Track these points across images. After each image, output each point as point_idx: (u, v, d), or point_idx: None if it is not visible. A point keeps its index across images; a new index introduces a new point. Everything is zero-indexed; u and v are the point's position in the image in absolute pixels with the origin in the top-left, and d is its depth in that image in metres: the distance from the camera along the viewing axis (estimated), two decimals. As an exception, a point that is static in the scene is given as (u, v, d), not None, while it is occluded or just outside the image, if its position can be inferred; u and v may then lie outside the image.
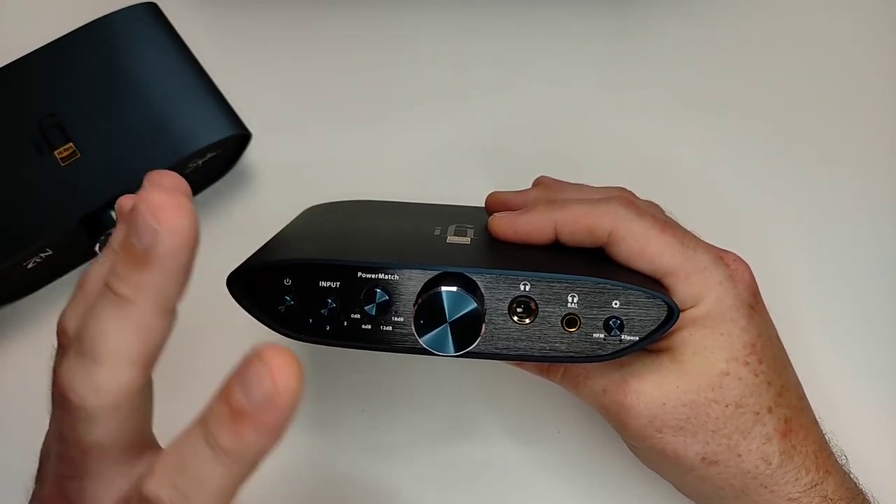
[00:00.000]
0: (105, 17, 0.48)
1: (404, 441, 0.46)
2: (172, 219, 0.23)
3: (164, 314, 0.25)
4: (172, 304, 0.25)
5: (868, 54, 0.55)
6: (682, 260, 0.36)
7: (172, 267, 0.24)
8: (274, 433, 0.23)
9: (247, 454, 0.23)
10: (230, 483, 0.23)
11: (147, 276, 0.24)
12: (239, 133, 0.49)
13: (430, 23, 0.55)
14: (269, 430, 0.23)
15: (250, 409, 0.22)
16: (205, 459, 0.23)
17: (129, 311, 0.24)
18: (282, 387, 0.22)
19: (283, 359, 0.23)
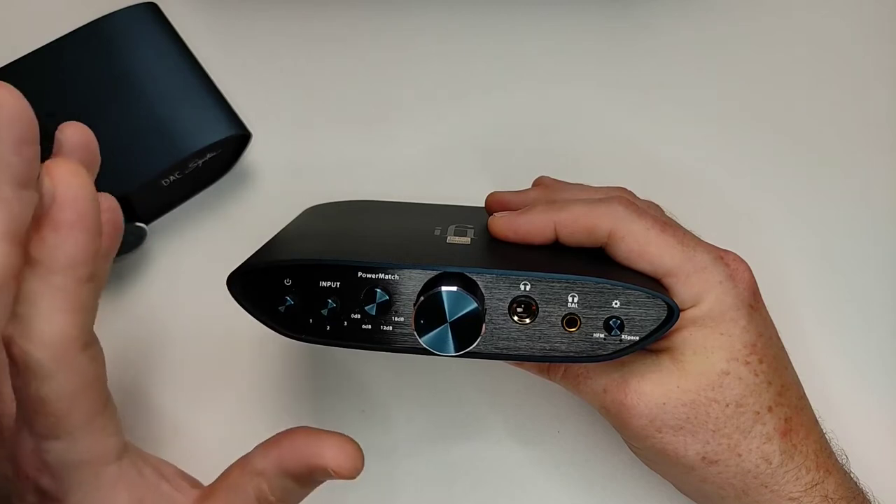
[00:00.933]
0: (105, 17, 0.48)
1: (404, 441, 0.46)
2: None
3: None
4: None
5: (868, 54, 0.55)
6: (682, 260, 0.36)
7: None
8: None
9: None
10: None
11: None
12: (239, 133, 0.49)
13: (430, 23, 0.55)
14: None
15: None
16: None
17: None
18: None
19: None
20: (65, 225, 0.25)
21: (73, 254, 0.26)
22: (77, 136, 0.31)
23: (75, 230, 0.26)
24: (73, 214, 0.25)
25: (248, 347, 0.48)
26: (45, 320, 0.26)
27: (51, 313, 0.26)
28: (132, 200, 0.46)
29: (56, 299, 0.26)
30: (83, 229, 0.26)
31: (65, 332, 0.26)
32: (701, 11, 0.56)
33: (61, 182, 0.25)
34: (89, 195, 0.26)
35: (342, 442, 0.32)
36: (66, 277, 0.26)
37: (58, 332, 0.26)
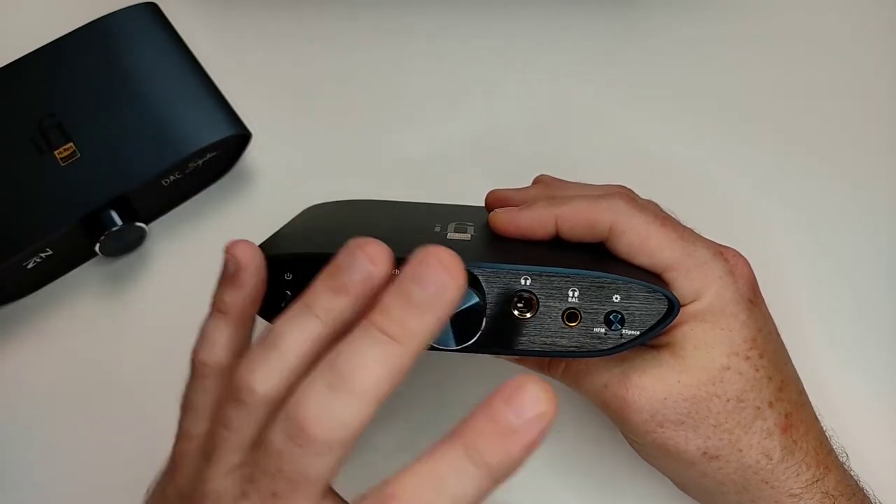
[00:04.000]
0: (105, 17, 0.49)
1: (404, 440, 0.46)
2: (460, 276, 0.25)
3: (418, 358, 0.26)
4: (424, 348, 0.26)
5: (868, 54, 0.55)
6: (682, 255, 0.36)
7: (443, 318, 0.25)
8: (536, 446, 0.24)
9: (509, 468, 0.25)
10: (482, 498, 0.25)
11: (420, 322, 0.25)
12: (239, 133, 0.49)
13: (429, 23, 0.55)
14: (533, 445, 0.24)
15: (520, 426, 0.24)
16: (467, 476, 0.24)
17: (393, 351, 0.25)
18: (545, 409, 0.24)
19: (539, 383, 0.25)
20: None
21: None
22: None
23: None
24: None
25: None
26: (342, 407, 0.26)
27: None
28: (132, 200, 0.46)
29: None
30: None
31: (356, 418, 0.27)
32: (701, 11, 0.56)
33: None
34: None
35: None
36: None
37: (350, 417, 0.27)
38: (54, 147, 0.46)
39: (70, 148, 0.46)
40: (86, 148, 0.46)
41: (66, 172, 0.46)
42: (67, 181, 0.46)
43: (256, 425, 0.27)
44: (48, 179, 0.46)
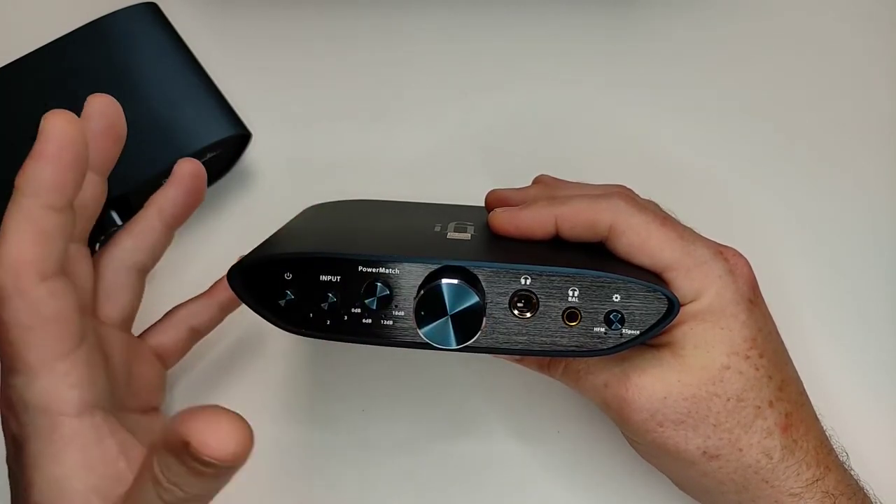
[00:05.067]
0: (105, 17, 0.49)
1: (404, 440, 0.46)
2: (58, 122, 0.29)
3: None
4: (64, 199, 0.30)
5: (868, 54, 0.55)
6: (682, 254, 0.36)
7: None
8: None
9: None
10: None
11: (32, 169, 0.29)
12: (239, 133, 0.49)
13: (429, 22, 0.55)
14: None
15: None
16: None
17: (19, 202, 0.29)
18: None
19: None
20: (42, 155, 0.29)
21: (43, 180, 0.29)
22: (99, 104, 0.35)
23: (50, 161, 0.29)
24: (52, 147, 0.29)
25: (248, 347, 0.48)
26: (6, 241, 0.29)
27: (12, 235, 0.29)
28: (132, 200, 0.46)
29: (20, 222, 0.29)
30: (57, 161, 0.29)
31: (21, 255, 0.29)
32: (701, 11, 0.56)
33: (50, 121, 0.29)
34: (72, 135, 0.29)
35: (216, 416, 0.26)
36: (34, 202, 0.29)
37: (14, 254, 0.29)
38: (54, 147, 0.46)
39: (70, 148, 0.46)
40: (85, 148, 0.46)
41: (66, 172, 0.46)
42: (67, 181, 0.45)
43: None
44: (48, 179, 0.45)
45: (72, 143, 0.30)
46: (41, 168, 0.29)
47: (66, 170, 0.29)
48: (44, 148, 0.29)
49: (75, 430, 0.31)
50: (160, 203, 0.39)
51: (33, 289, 0.29)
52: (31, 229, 0.29)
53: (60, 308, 0.30)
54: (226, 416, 0.26)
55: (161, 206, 0.39)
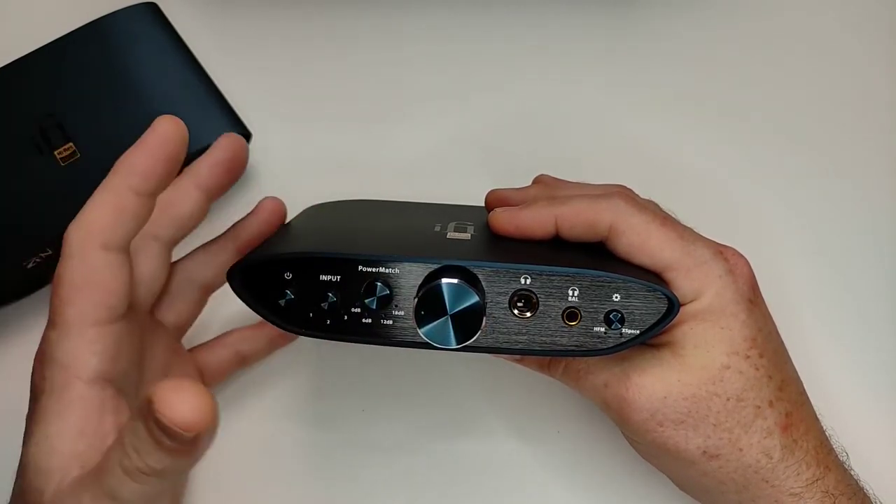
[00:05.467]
0: (105, 17, 0.49)
1: (404, 440, 0.46)
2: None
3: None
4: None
5: (868, 54, 0.55)
6: (682, 254, 0.36)
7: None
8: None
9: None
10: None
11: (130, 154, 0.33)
12: (239, 133, 0.49)
13: (430, 23, 0.55)
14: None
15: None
16: None
17: (110, 179, 0.33)
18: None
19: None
20: (142, 145, 0.33)
21: (135, 165, 0.33)
22: (229, 141, 0.41)
23: (146, 150, 0.33)
24: (153, 140, 0.33)
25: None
26: (87, 207, 0.33)
27: (92, 202, 0.33)
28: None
29: (104, 195, 0.33)
30: (152, 152, 0.33)
31: (94, 221, 0.32)
32: (701, 11, 0.56)
33: (160, 121, 0.33)
34: (173, 136, 0.33)
35: (183, 384, 0.27)
36: (121, 181, 0.33)
37: (89, 219, 0.32)
38: (54, 147, 0.46)
39: (70, 148, 0.46)
40: (86, 148, 0.46)
41: (66, 172, 0.46)
42: (67, 181, 0.46)
43: None
44: (48, 179, 0.46)
45: (170, 141, 0.33)
46: (137, 154, 0.33)
47: (157, 161, 0.33)
48: (146, 139, 0.33)
49: (83, 394, 0.32)
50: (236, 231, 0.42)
51: (92, 253, 0.32)
52: (111, 202, 0.32)
53: (109, 280, 0.33)
54: (192, 386, 0.27)
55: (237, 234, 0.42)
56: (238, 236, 0.41)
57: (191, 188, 0.40)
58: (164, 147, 0.33)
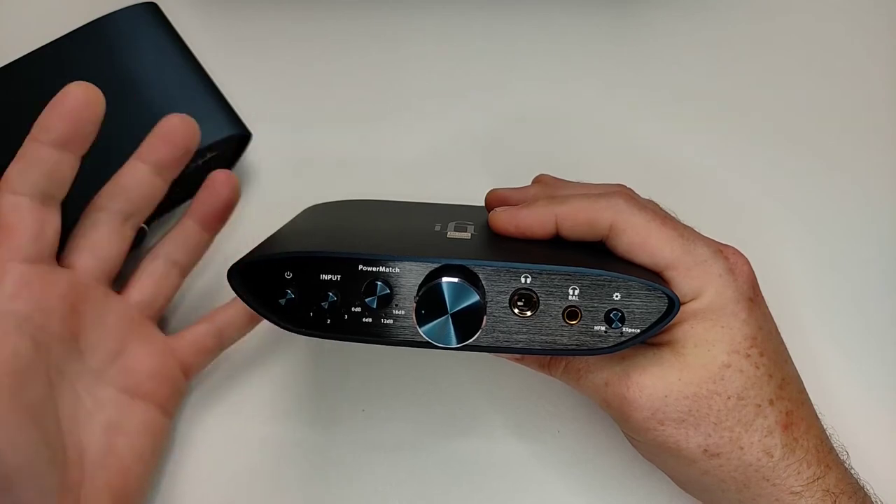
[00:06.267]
0: (105, 17, 0.49)
1: (404, 440, 0.46)
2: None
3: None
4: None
5: (869, 54, 0.55)
6: (682, 253, 0.36)
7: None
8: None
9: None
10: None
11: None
12: (239, 133, 0.49)
13: (429, 23, 0.55)
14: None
15: None
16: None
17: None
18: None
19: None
20: (50, 104, 0.38)
21: (39, 121, 0.38)
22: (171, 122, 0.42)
23: (51, 107, 0.38)
24: (59, 99, 0.37)
25: (248, 346, 0.48)
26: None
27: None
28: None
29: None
30: (54, 109, 0.37)
31: (6, 171, 0.38)
32: (702, 11, 0.56)
33: (68, 87, 0.38)
34: (78, 97, 0.38)
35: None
36: (29, 136, 0.38)
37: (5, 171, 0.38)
38: (54, 147, 0.46)
39: (70, 148, 0.46)
40: (86, 148, 0.46)
41: (66, 172, 0.46)
42: (67, 181, 0.46)
43: None
44: (48, 179, 0.45)
45: (74, 102, 0.38)
46: (43, 114, 0.38)
47: (57, 117, 0.38)
48: (53, 101, 0.37)
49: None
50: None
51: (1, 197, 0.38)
52: (20, 155, 0.38)
53: (14, 220, 0.37)
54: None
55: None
56: (195, 211, 0.45)
57: (133, 161, 0.42)
58: (64, 104, 0.37)
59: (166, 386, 0.43)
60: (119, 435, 0.40)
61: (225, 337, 0.45)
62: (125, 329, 0.42)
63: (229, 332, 0.45)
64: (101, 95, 0.38)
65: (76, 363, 0.40)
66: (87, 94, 0.38)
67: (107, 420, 0.40)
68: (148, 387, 0.42)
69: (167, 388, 0.43)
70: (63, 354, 0.39)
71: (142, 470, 0.41)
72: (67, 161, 0.38)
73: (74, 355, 0.40)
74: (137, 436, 0.41)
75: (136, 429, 0.41)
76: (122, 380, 0.41)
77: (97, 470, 0.39)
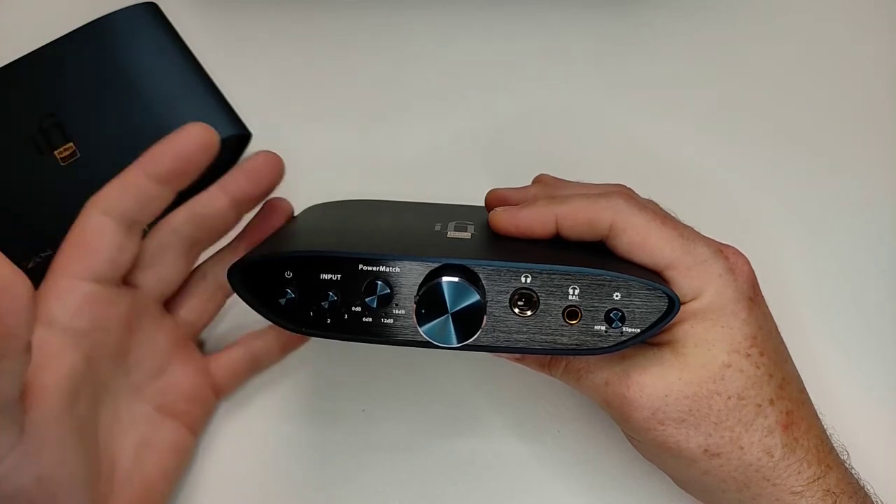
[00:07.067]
0: (105, 17, 0.48)
1: (404, 440, 0.46)
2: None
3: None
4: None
5: (869, 54, 0.55)
6: (682, 253, 0.36)
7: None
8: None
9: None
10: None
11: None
12: (239, 133, 0.49)
13: (429, 23, 0.55)
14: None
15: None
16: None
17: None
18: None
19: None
20: (165, 138, 0.38)
21: (150, 151, 0.38)
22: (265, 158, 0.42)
23: (166, 141, 0.38)
24: (176, 135, 0.38)
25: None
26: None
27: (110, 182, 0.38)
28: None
29: (119, 174, 0.38)
30: (169, 143, 0.38)
31: (101, 192, 0.38)
32: (702, 11, 0.56)
33: (189, 125, 0.38)
34: (196, 137, 0.37)
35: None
36: (135, 164, 0.38)
37: (99, 191, 0.38)
38: (54, 147, 0.46)
39: (70, 148, 0.46)
40: (86, 148, 0.46)
41: (66, 172, 0.46)
42: (67, 181, 0.46)
43: None
44: (48, 179, 0.46)
45: (191, 141, 0.37)
46: (157, 145, 0.37)
47: (170, 152, 0.38)
48: (171, 135, 0.37)
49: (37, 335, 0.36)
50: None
51: (90, 216, 0.37)
52: (120, 179, 0.38)
53: (97, 240, 0.37)
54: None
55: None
56: (248, 236, 0.43)
57: (215, 191, 0.41)
58: (180, 143, 0.37)
59: (198, 406, 0.43)
60: (149, 452, 0.40)
61: (258, 363, 0.46)
62: (171, 349, 0.42)
63: (263, 358, 0.46)
64: (216, 139, 0.38)
65: (121, 378, 0.39)
66: (203, 138, 0.37)
67: (139, 436, 0.40)
68: (182, 407, 0.42)
69: (198, 409, 0.43)
70: (111, 370, 0.39)
71: (165, 487, 0.41)
72: (164, 196, 0.38)
73: (121, 371, 0.39)
74: (165, 453, 0.41)
75: (165, 447, 0.41)
76: (159, 398, 0.41)
77: (124, 484, 0.39)
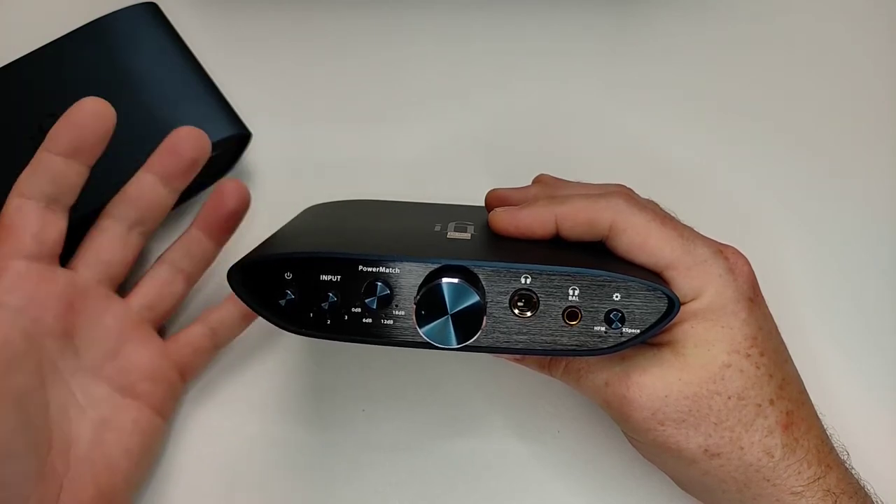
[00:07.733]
0: (105, 17, 0.49)
1: (405, 440, 0.46)
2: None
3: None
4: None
5: (870, 55, 0.55)
6: (682, 253, 0.36)
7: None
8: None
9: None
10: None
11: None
12: (239, 133, 0.49)
13: (429, 23, 0.55)
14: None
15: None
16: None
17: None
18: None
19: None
20: (62, 117, 0.40)
21: (51, 132, 0.40)
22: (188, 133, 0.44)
23: (62, 119, 0.40)
24: (72, 111, 0.40)
25: (248, 346, 0.48)
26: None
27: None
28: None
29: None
30: (66, 121, 0.40)
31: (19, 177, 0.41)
32: (702, 11, 0.56)
33: (83, 100, 0.40)
34: (89, 111, 0.40)
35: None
36: (41, 147, 0.40)
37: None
38: (54, 147, 0.46)
39: (70, 147, 0.46)
40: (86, 148, 0.46)
41: (66, 172, 0.46)
42: (67, 181, 0.46)
43: None
44: (48, 179, 0.45)
45: (84, 115, 0.40)
46: (55, 125, 0.40)
47: (67, 128, 0.40)
48: (66, 113, 0.40)
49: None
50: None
51: (10, 201, 0.40)
52: (31, 162, 0.40)
53: (17, 220, 0.40)
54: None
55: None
56: (200, 220, 0.45)
57: (140, 172, 0.43)
58: (74, 115, 0.40)
59: (161, 387, 0.44)
60: (109, 431, 0.41)
61: (219, 336, 0.46)
62: (123, 330, 0.43)
63: (223, 331, 0.46)
64: (111, 109, 0.40)
65: (71, 360, 0.41)
66: (95, 108, 0.40)
67: (99, 417, 0.41)
68: (142, 387, 0.43)
69: (162, 390, 0.44)
70: (57, 350, 0.40)
71: (130, 466, 0.42)
72: (74, 169, 0.40)
73: (69, 352, 0.41)
74: (128, 434, 0.42)
75: (127, 427, 0.42)
76: (116, 379, 0.42)
77: (83, 462, 0.40)
